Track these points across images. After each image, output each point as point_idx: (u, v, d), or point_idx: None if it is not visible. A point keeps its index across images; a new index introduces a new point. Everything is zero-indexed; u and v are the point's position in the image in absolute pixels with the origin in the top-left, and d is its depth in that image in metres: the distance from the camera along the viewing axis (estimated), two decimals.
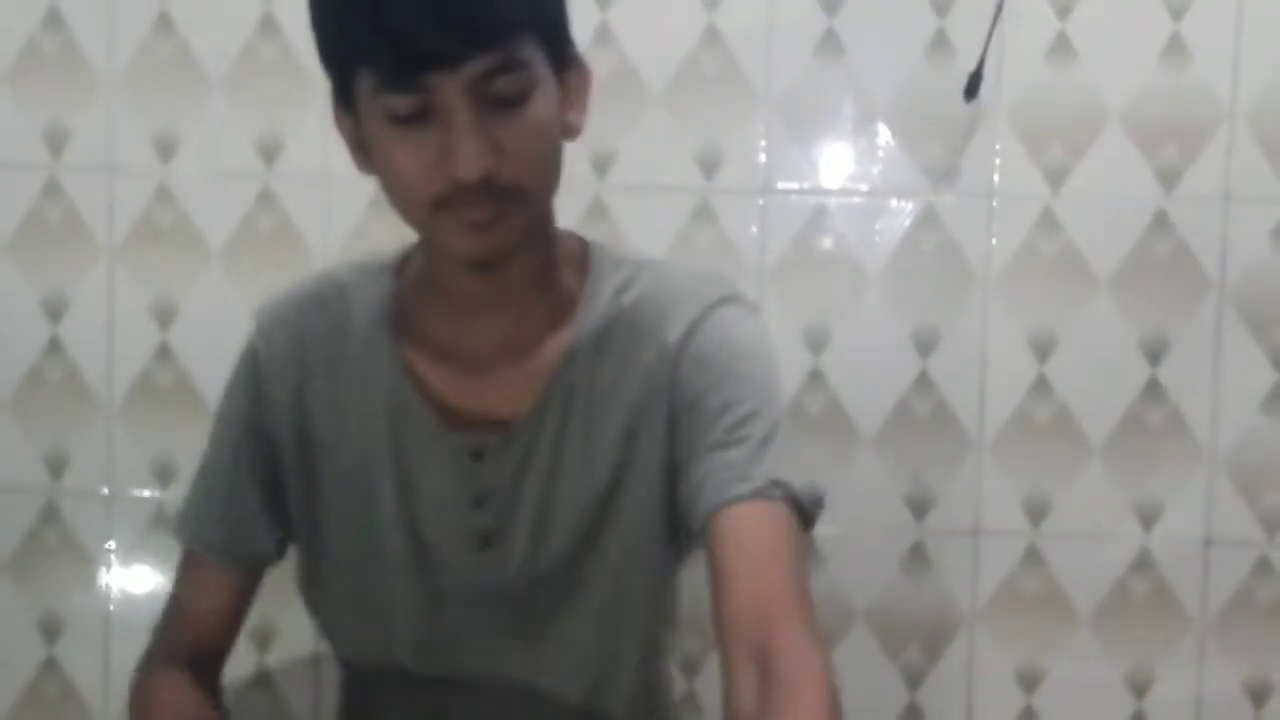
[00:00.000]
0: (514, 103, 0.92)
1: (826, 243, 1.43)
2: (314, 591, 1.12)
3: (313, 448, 1.08)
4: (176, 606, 1.12)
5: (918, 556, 1.44)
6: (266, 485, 1.09)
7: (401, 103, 0.91)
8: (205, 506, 1.10)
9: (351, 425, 1.06)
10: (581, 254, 1.07)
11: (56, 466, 1.47)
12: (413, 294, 1.07)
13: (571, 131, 1.00)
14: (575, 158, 1.02)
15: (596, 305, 1.05)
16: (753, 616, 0.92)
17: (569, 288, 1.06)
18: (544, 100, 0.94)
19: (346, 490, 1.07)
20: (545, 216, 1.02)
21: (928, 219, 1.42)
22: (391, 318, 1.06)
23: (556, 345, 1.04)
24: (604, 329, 1.04)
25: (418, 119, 0.91)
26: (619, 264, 1.07)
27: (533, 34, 0.93)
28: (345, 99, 0.97)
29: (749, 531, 0.95)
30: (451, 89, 0.90)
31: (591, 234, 1.10)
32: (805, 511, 0.98)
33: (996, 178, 1.42)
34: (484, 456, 1.04)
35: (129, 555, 1.48)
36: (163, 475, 1.46)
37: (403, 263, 1.09)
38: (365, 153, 0.98)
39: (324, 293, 1.08)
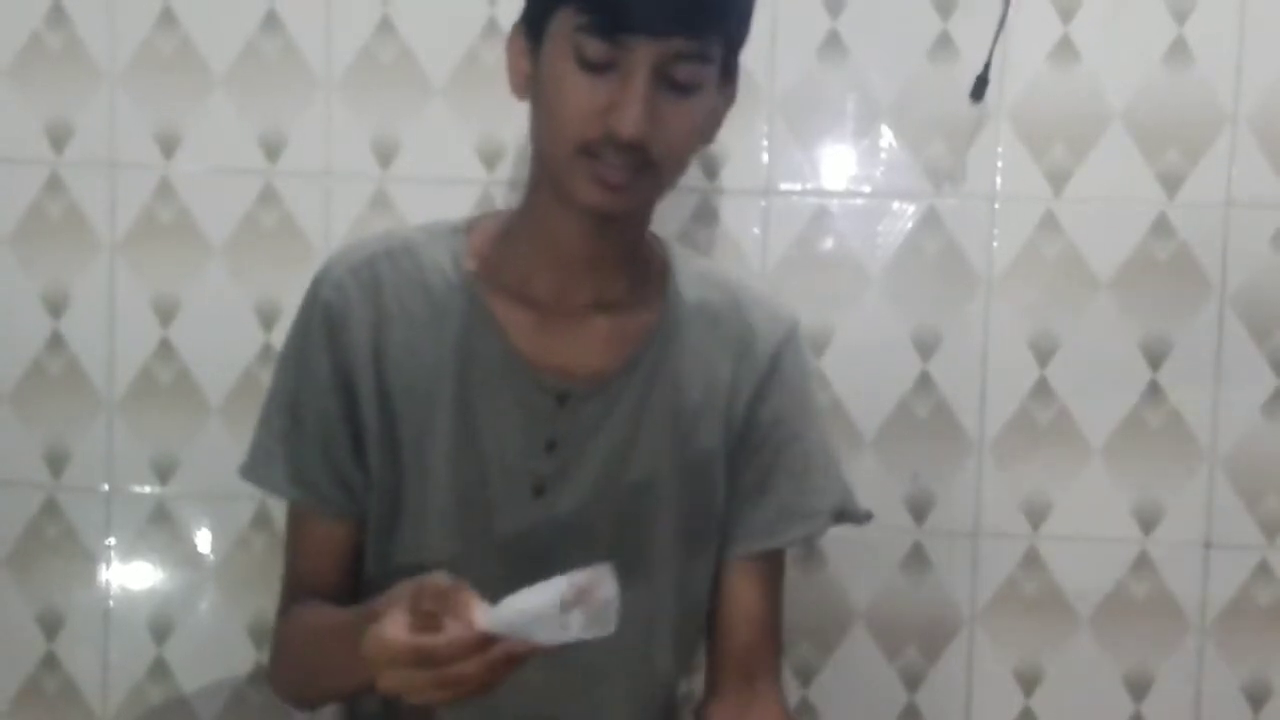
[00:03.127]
0: (685, 90, 1.02)
1: (828, 243, 1.43)
2: (398, 534, 1.13)
3: (390, 392, 1.11)
4: (295, 569, 1.17)
5: (917, 557, 1.44)
6: (355, 435, 1.12)
7: (595, 48, 0.99)
8: (298, 458, 1.13)
9: (426, 369, 1.11)
10: (652, 236, 1.18)
11: (57, 462, 1.47)
12: (495, 248, 1.13)
13: (708, 139, 1.11)
14: None
15: (686, 285, 1.15)
16: (747, 651, 1.17)
17: (652, 261, 1.16)
18: (706, 100, 1.05)
19: (420, 432, 1.11)
20: (657, 198, 1.11)
21: (930, 221, 1.42)
22: (468, 266, 1.12)
23: (649, 311, 1.14)
24: (695, 309, 1.15)
25: (601, 68, 1.00)
26: (683, 251, 1.20)
27: (723, 41, 1.04)
28: (534, 26, 1.05)
29: (771, 578, 1.19)
30: (643, 54, 0.99)
31: None
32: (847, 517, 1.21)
33: (999, 180, 1.42)
34: (568, 400, 1.10)
35: (129, 551, 1.47)
36: (163, 471, 1.46)
37: (470, 225, 1.16)
38: (527, 79, 1.07)
39: (391, 247, 1.14)
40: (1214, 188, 1.40)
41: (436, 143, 1.43)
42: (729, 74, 1.09)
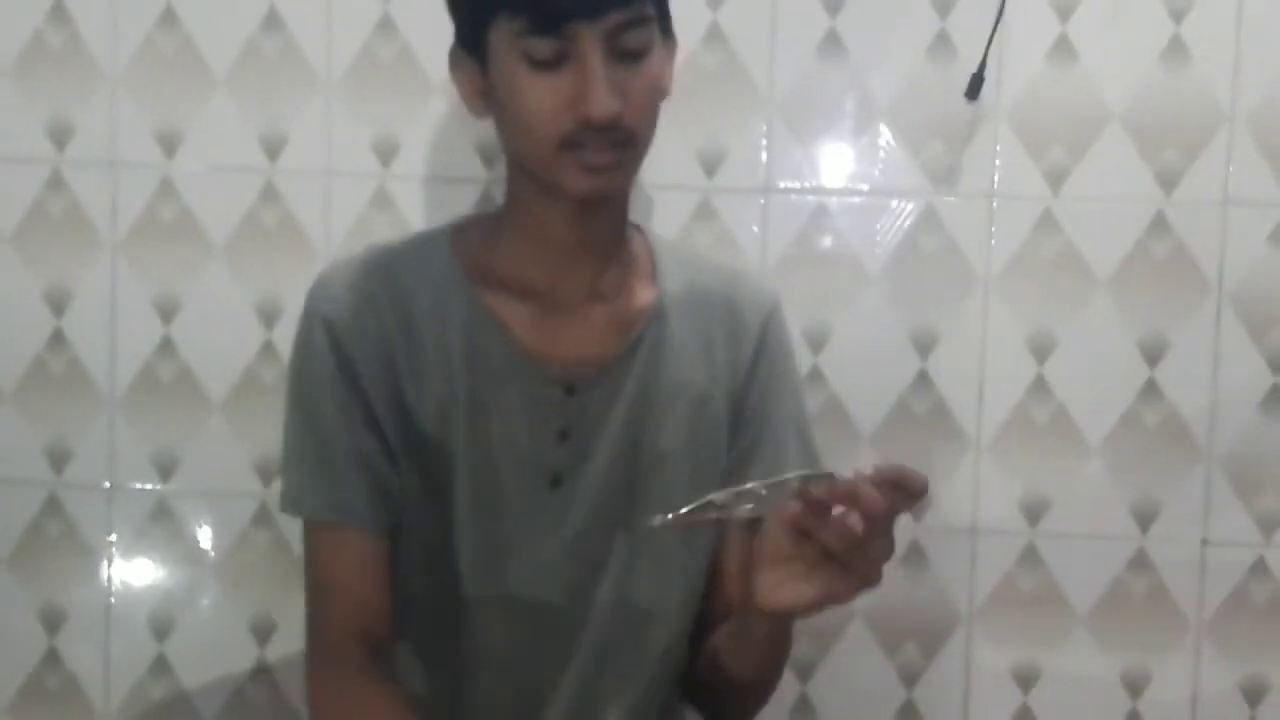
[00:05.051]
0: (638, 56, 1.04)
1: (827, 242, 1.44)
2: (426, 541, 1.12)
3: (401, 400, 1.11)
4: (333, 593, 1.10)
5: (915, 555, 1.45)
6: (381, 441, 1.11)
7: (542, 47, 1.01)
8: (333, 479, 1.10)
9: (435, 376, 1.11)
10: (633, 224, 1.19)
11: (58, 459, 1.48)
12: (486, 247, 1.14)
13: (665, 92, 1.11)
14: None
15: (672, 269, 1.17)
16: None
17: (638, 249, 1.18)
18: (658, 58, 1.07)
19: (430, 437, 1.11)
20: (637, 170, 1.12)
21: (928, 219, 1.43)
22: (461, 270, 1.13)
23: (642, 297, 1.15)
24: (685, 291, 1.17)
25: (554, 64, 1.02)
26: (663, 238, 1.22)
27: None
28: (472, 45, 1.07)
29: None
30: (589, 37, 1.01)
31: None
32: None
33: (997, 178, 1.42)
34: (576, 390, 1.11)
35: (130, 548, 1.48)
36: (164, 469, 1.47)
37: (456, 229, 1.17)
38: (483, 98, 1.09)
39: (381, 260, 1.15)
40: (1211, 186, 1.41)
41: (436, 142, 1.43)
42: (665, 25, 1.11)
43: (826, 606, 0.95)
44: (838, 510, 0.89)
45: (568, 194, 1.06)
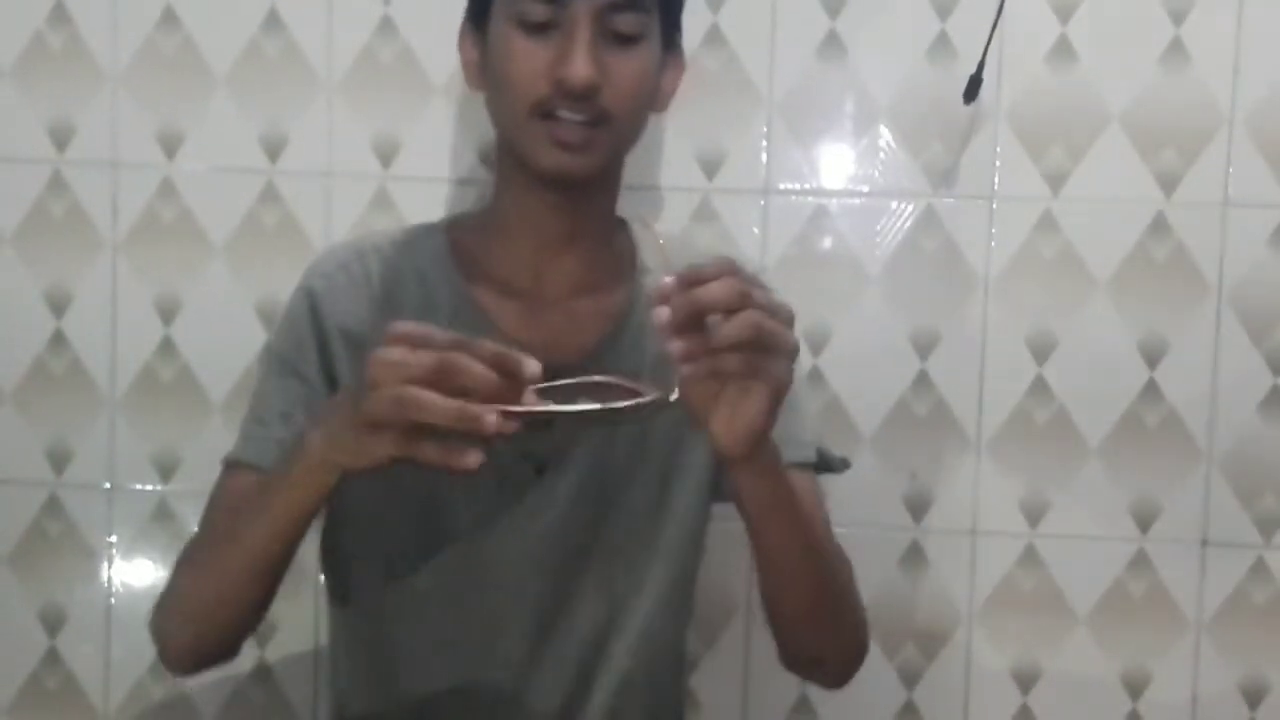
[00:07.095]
0: (629, 42, 1.06)
1: (827, 243, 1.44)
2: (350, 527, 1.13)
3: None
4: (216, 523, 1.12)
5: (915, 556, 1.45)
6: None
7: (535, 9, 1.04)
8: (273, 433, 1.12)
9: None
10: (619, 219, 1.21)
11: (59, 460, 1.48)
12: (475, 241, 1.16)
13: (660, 104, 1.15)
14: None
15: (652, 256, 1.18)
16: None
17: (624, 240, 1.20)
18: (650, 55, 1.09)
19: None
20: (619, 164, 1.14)
21: (928, 220, 1.43)
22: (451, 260, 1.15)
23: (627, 289, 1.16)
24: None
25: (544, 28, 1.05)
26: (641, 229, 1.23)
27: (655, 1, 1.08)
28: (479, 14, 1.11)
29: (803, 495, 1.09)
30: (581, 8, 1.04)
31: None
32: (829, 467, 1.21)
33: (996, 180, 1.42)
34: (558, 379, 1.08)
35: (130, 548, 1.48)
36: (164, 469, 1.47)
37: (448, 223, 1.19)
38: (479, 71, 1.12)
39: (377, 244, 1.17)
40: (1211, 187, 1.41)
41: (436, 142, 1.43)
42: (671, 42, 1.13)
43: (776, 401, 0.93)
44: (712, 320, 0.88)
45: (539, 170, 1.07)
